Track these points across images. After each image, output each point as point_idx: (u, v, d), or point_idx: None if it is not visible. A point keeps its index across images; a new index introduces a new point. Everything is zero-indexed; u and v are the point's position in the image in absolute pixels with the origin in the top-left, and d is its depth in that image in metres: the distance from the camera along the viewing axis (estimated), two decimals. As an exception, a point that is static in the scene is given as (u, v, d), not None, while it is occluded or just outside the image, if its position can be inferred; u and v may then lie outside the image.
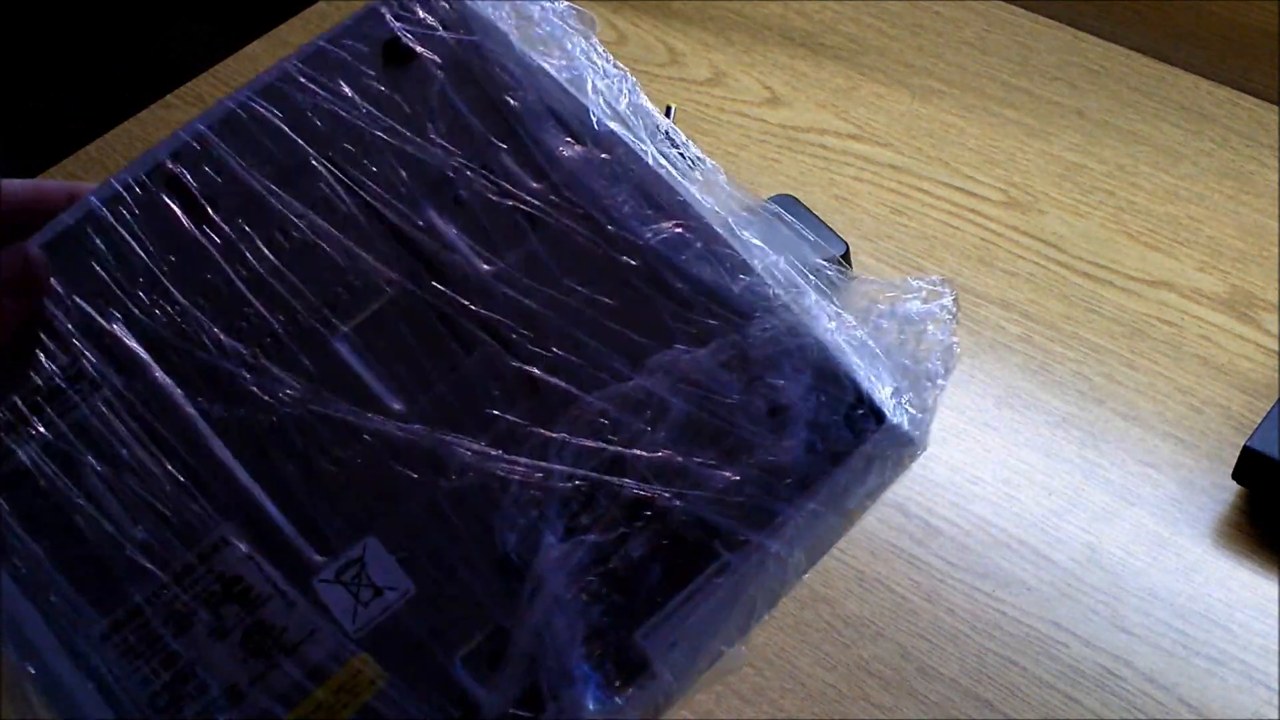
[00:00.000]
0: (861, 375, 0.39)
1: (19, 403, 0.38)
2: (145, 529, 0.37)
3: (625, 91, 0.43)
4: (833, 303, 0.40)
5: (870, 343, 0.40)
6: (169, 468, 0.38)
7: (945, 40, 0.89)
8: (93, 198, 0.40)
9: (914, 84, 0.86)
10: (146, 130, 0.83)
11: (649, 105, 0.42)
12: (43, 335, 0.38)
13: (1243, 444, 0.62)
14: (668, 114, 0.79)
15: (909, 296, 0.40)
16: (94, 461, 0.37)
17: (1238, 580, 0.61)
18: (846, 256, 0.71)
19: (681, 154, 0.42)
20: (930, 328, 0.40)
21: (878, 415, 0.39)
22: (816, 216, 0.72)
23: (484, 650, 0.37)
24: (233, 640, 0.36)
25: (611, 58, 0.43)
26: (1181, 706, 0.57)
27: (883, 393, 0.39)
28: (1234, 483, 0.63)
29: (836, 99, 0.85)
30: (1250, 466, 0.62)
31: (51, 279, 0.39)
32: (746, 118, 0.84)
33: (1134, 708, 0.57)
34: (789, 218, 0.42)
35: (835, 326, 0.40)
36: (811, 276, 0.41)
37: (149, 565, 0.37)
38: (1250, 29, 0.86)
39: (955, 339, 0.40)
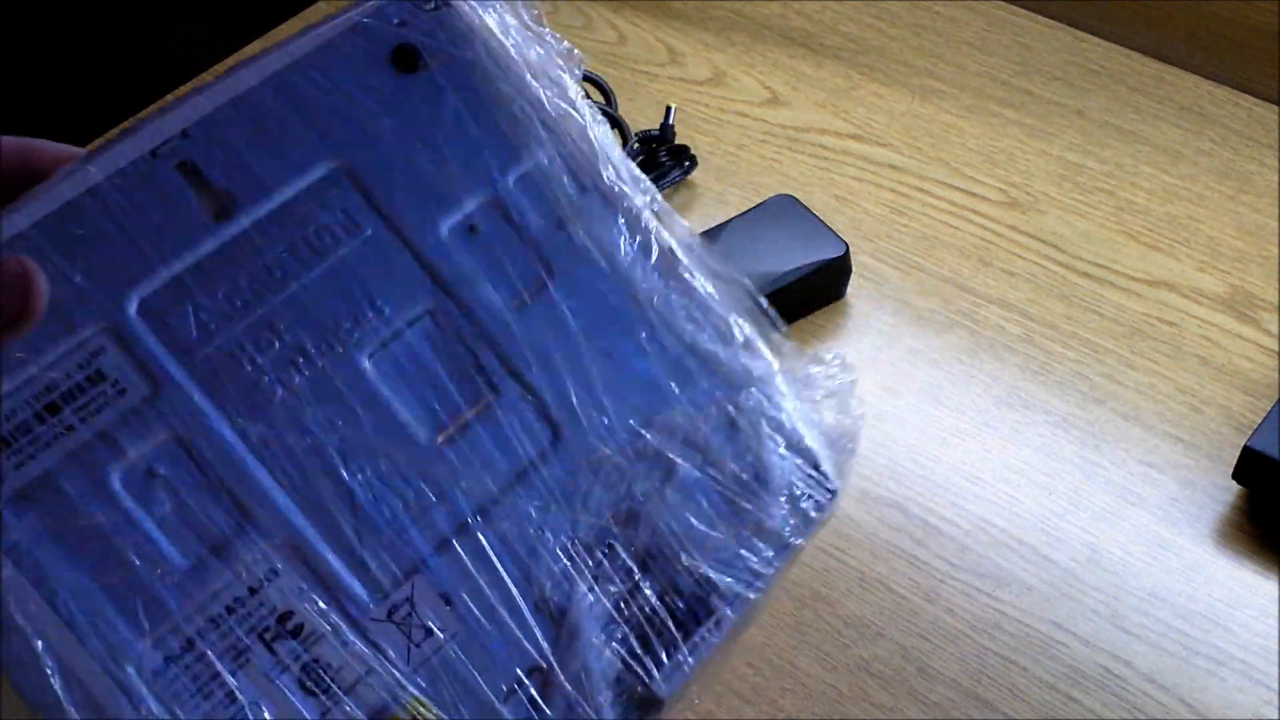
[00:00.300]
0: (817, 449, 0.43)
1: (32, 403, 0.35)
2: (189, 556, 0.35)
3: (614, 141, 0.44)
4: (793, 376, 0.44)
5: (816, 417, 0.43)
6: (208, 486, 0.36)
7: (945, 40, 0.89)
8: (93, 168, 0.37)
9: (914, 84, 0.86)
10: (146, 130, 0.83)
11: (630, 161, 0.44)
12: (51, 324, 0.35)
13: (1243, 444, 0.62)
14: (667, 114, 0.79)
15: (818, 370, 0.44)
16: (124, 475, 0.35)
17: (1238, 580, 0.61)
18: (846, 256, 0.71)
19: (656, 212, 0.44)
20: (849, 401, 0.44)
21: (829, 487, 0.43)
22: (816, 216, 0.72)
23: (523, 689, 0.37)
24: (290, 679, 0.35)
25: (597, 108, 0.44)
26: (1182, 706, 0.57)
27: (830, 464, 0.43)
28: (1234, 483, 0.63)
29: (836, 99, 0.85)
30: (1250, 466, 0.62)
31: (55, 260, 0.35)
32: (746, 118, 0.84)
33: (1134, 708, 0.57)
34: (748, 283, 0.44)
35: (795, 401, 0.43)
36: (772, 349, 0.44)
37: (201, 596, 0.35)
38: (1250, 29, 0.86)
39: (862, 412, 0.44)
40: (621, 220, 0.42)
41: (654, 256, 0.42)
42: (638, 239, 0.42)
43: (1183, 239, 0.76)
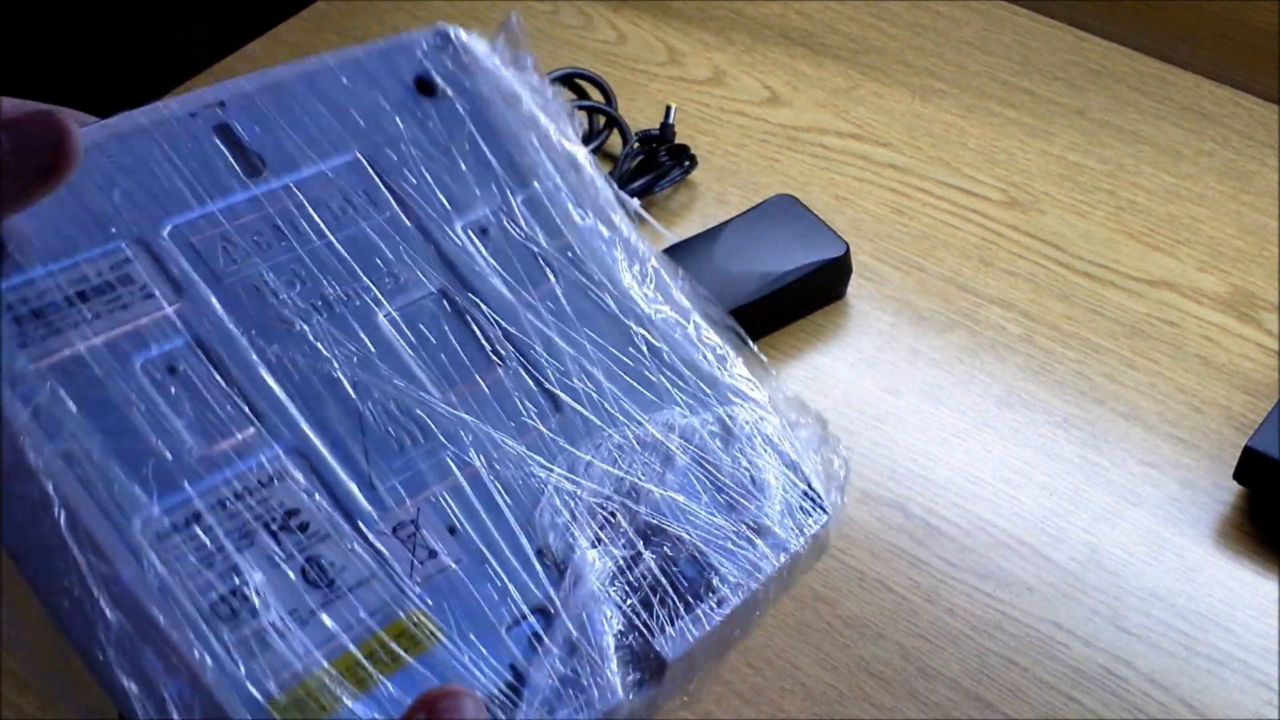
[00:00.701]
0: (809, 470, 0.45)
1: (64, 287, 0.36)
2: (203, 442, 0.36)
3: (612, 186, 0.47)
4: (781, 413, 0.46)
5: (802, 444, 0.46)
6: (226, 388, 0.37)
7: (945, 40, 0.89)
8: (139, 116, 0.40)
9: (914, 84, 0.86)
10: (146, 130, 0.83)
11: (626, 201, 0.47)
12: (87, 225, 0.37)
13: (1243, 444, 0.62)
14: (667, 114, 0.78)
15: (800, 418, 0.46)
16: (145, 364, 0.36)
17: (1238, 580, 0.61)
18: (847, 256, 0.71)
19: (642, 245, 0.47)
20: (835, 454, 0.46)
21: (821, 506, 0.44)
22: (816, 216, 0.72)
23: (526, 623, 0.38)
24: (294, 568, 0.36)
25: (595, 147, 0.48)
26: (1182, 707, 0.57)
27: (821, 487, 0.45)
28: (1234, 483, 0.63)
29: (836, 99, 0.85)
30: (1251, 466, 0.62)
31: (95, 178, 0.37)
32: (746, 118, 0.83)
33: (1135, 708, 0.57)
34: (732, 321, 0.47)
35: (783, 427, 0.45)
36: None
37: (212, 480, 0.36)
38: (1250, 29, 0.86)
39: (849, 457, 0.46)
40: (620, 247, 0.46)
41: (651, 283, 0.46)
42: (635, 266, 0.46)
43: (1183, 239, 0.76)
